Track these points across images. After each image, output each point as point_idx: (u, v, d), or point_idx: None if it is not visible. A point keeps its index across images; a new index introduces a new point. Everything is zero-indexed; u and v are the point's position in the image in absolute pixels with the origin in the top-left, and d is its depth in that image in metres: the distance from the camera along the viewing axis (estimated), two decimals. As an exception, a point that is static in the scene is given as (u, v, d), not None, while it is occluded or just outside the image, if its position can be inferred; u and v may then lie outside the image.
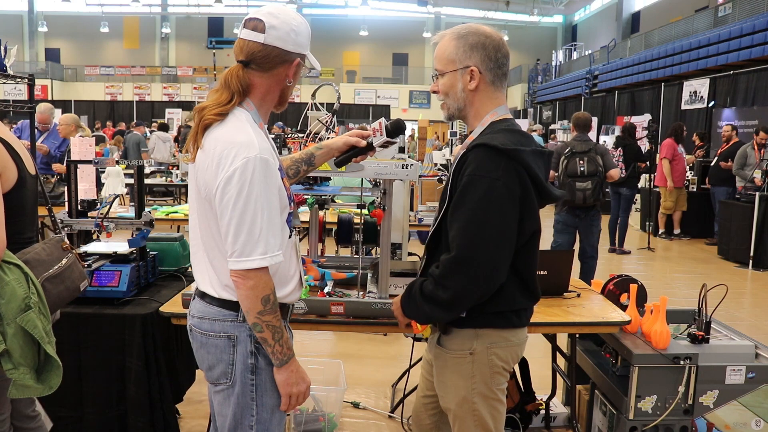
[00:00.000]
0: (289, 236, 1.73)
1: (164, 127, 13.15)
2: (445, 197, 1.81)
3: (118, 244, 2.75)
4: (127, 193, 8.90)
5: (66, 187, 2.77)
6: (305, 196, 2.69)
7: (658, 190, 9.45)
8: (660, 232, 9.61)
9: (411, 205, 4.92)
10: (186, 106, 23.03)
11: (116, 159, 3.07)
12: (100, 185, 5.71)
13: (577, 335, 2.82)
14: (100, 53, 32.59)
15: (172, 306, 2.50)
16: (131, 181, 7.44)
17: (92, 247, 2.76)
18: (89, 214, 2.76)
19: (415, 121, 15.09)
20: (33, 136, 4.71)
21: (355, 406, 3.52)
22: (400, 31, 32.59)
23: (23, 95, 18.52)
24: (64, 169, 4.45)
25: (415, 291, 1.82)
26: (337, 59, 31.59)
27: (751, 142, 8.39)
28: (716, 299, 2.69)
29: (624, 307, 2.78)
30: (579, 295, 2.89)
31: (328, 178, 2.62)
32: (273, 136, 2.10)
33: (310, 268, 2.56)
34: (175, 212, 5.19)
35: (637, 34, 23.16)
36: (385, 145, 1.98)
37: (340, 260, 2.89)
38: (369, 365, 4.20)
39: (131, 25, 32.75)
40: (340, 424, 3.25)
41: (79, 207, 2.72)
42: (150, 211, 3.74)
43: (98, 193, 3.34)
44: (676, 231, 9.56)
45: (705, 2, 20.01)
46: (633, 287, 2.76)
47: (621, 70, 18.15)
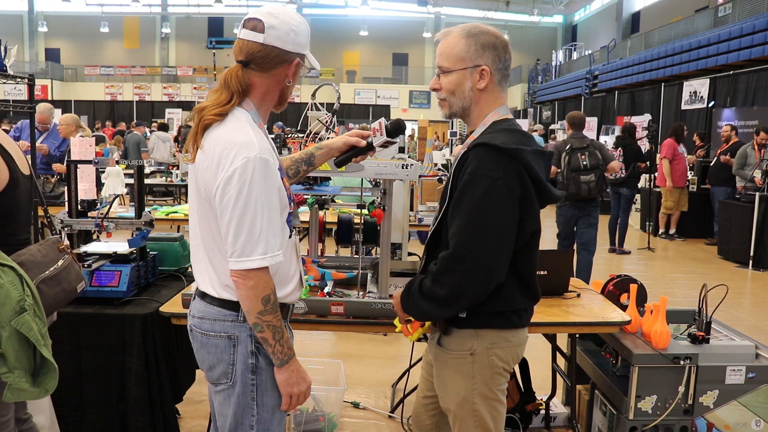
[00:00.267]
0: (289, 236, 1.73)
1: (164, 127, 13.15)
2: (445, 196, 1.81)
3: (118, 244, 2.75)
4: (127, 193, 8.90)
5: (66, 187, 2.76)
6: (305, 196, 2.69)
7: (659, 190, 9.45)
8: (660, 232, 9.62)
9: (411, 205, 4.92)
10: (186, 106, 23.04)
11: (116, 159, 3.07)
12: (100, 185, 5.70)
13: (577, 335, 2.82)
14: (100, 53, 32.59)
15: (172, 306, 2.50)
16: (131, 181, 7.44)
17: (92, 247, 2.76)
18: (89, 214, 2.76)
19: (415, 121, 15.11)
20: (33, 136, 4.70)
21: (355, 406, 3.52)
22: (400, 31, 32.60)
23: (23, 95, 18.53)
24: (64, 169, 4.45)
25: (414, 288, 1.82)
26: (337, 59, 31.60)
27: (751, 142, 8.40)
28: (716, 299, 2.69)
29: (624, 307, 2.78)
30: (579, 295, 2.89)
31: (328, 178, 2.62)
32: (273, 136, 2.10)
33: (310, 268, 2.56)
34: (175, 212, 5.20)
35: (637, 34, 23.17)
36: (385, 145, 1.98)
37: (340, 260, 2.89)
38: (369, 365, 4.20)
39: (131, 25, 32.76)
40: (340, 424, 3.25)
41: (79, 207, 2.72)
42: (150, 211, 3.74)
43: (98, 193, 3.34)
44: (671, 231, 9.57)
45: (705, 2, 20.01)
46: (633, 287, 2.76)
47: (621, 70, 18.16)
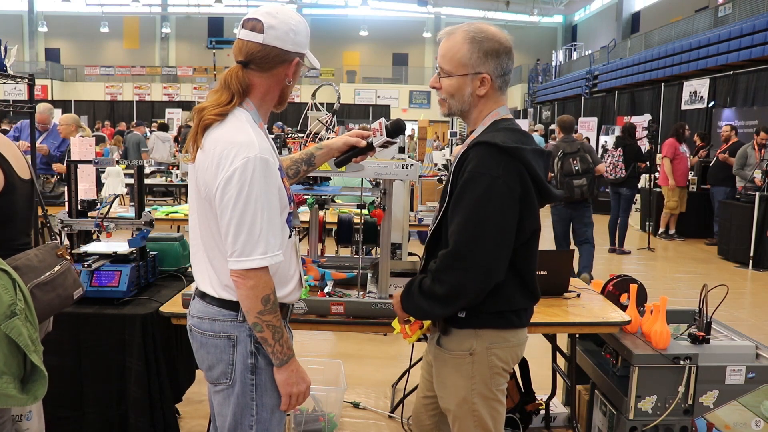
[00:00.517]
0: (289, 236, 1.73)
1: (164, 127, 13.15)
2: (445, 195, 1.81)
3: (118, 244, 2.75)
4: (127, 193, 8.90)
5: (66, 187, 2.76)
6: (305, 196, 2.69)
7: (659, 190, 9.45)
8: (660, 232, 9.61)
9: (411, 205, 4.92)
10: (186, 106, 23.04)
11: (116, 159, 3.07)
12: (100, 185, 5.70)
13: (577, 335, 2.82)
14: (100, 53, 32.59)
15: (172, 306, 2.50)
16: (131, 181, 7.44)
17: (92, 247, 2.76)
18: (89, 214, 2.76)
19: (415, 121, 15.11)
20: (33, 137, 4.71)
21: (355, 406, 3.52)
22: (400, 31, 32.59)
23: (23, 95, 18.53)
24: (65, 169, 4.45)
25: (413, 287, 1.82)
26: (337, 59, 31.60)
27: (751, 142, 8.39)
28: (716, 299, 2.69)
29: (624, 307, 2.78)
30: (579, 295, 2.89)
31: (328, 178, 2.62)
32: (273, 136, 2.10)
33: (310, 268, 2.56)
34: (175, 212, 5.20)
35: (637, 34, 23.16)
36: (385, 145, 1.98)
37: (340, 260, 2.89)
38: (369, 365, 4.20)
39: (131, 25, 32.75)
40: (340, 424, 3.25)
41: (79, 207, 2.72)
42: (150, 211, 3.74)
43: (98, 193, 3.34)
44: (671, 231, 9.57)
45: (705, 2, 20.01)
46: (633, 287, 2.76)
47: (621, 70, 18.14)
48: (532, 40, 30.99)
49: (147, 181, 7.96)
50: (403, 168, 2.36)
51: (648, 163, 8.68)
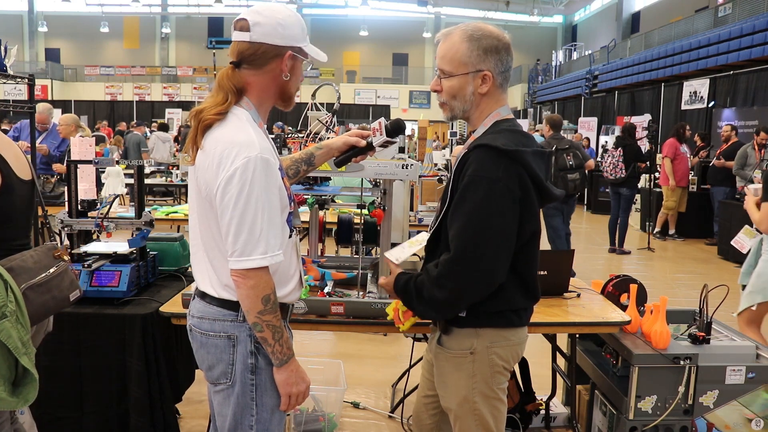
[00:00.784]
0: (290, 236, 1.73)
1: (164, 127, 13.15)
2: (446, 197, 1.81)
3: (118, 244, 2.75)
4: (127, 193, 8.90)
5: (66, 187, 2.76)
6: (305, 196, 2.69)
7: (659, 190, 9.44)
8: (655, 232, 9.59)
9: (411, 205, 4.92)
10: (186, 106, 23.02)
11: (116, 159, 3.07)
12: (100, 185, 5.70)
13: (577, 335, 2.82)
14: (100, 53, 32.59)
15: (172, 306, 2.50)
16: (131, 181, 7.44)
17: (92, 247, 2.76)
18: (89, 214, 2.76)
19: (415, 121, 15.11)
20: (33, 137, 4.70)
21: (355, 406, 3.52)
22: (400, 31, 32.59)
23: (23, 95, 18.53)
24: (64, 169, 4.45)
25: (410, 288, 1.81)
26: (337, 59, 31.59)
27: (751, 142, 8.39)
28: (716, 299, 2.69)
29: (624, 307, 2.78)
30: (579, 295, 2.89)
31: (328, 178, 2.62)
32: (273, 136, 2.10)
33: (310, 268, 2.56)
34: (175, 212, 5.20)
35: (637, 34, 23.16)
36: (384, 145, 1.98)
37: (340, 260, 2.89)
38: (369, 365, 4.20)
39: (131, 25, 32.75)
40: (340, 424, 3.25)
41: (79, 207, 2.72)
42: (150, 211, 3.74)
43: (98, 193, 3.34)
44: (671, 231, 9.56)
45: (705, 2, 20.00)
46: (633, 287, 2.76)
47: (621, 70, 18.14)
48: (532, 40, 31.00)
49: (147, 181, 7.96)
50: (403, 168, 2.36)
51: (648, 163, 8.68)
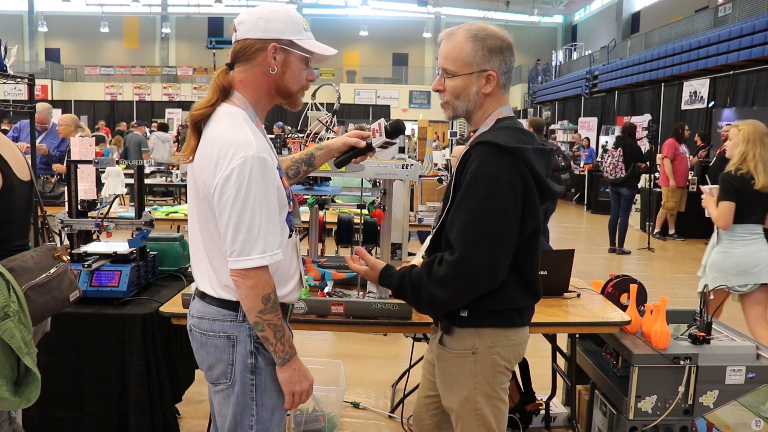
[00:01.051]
0: (289, 236, 1.73)
1: (164, 127, 13.15)
2: (448, 195, 1.81)
3: (118, 244, 2.75)
4: (127, 193, 8.90)
5: (66, 187, 2.76)
6: (305, 196, 2.69)
7: (659, 190, 9.44)
8: (655, 232, 9.59)
9: (411, 205, 4.92)
10: (186, 106, 22.98)
11: (116, 159, 3.07)
12: (100, 185, 5.70)
13: (577, 335, 2.82)
14: (100, 53, 32.58)
15: (172, 306, 2.50)
16: (131, 181, 7.44)
17: (92, 247, 2.76)
18: (89, 214, 2.76)
19: (415, 121, 15.11)
20: (33, 137, 4.70)
21: (355, 406, 3.52)
22: (400, 31, 32.58)
23: (23, 95, 18.52)
24: (64, 169, 4.45)
25: (405, 284, 1.81)
26: (337, 59, 31.56)
27: (751, 143, 8.38)
28: (716, 300, 2.69)
29: (624, 307, 2.78)
30: (579, 295, 2.89)
31: (328, 178, 2.62)
32: (273, 136, 2.11)
33: (310, 268, 2.56)
34: (175, 212, 5.20)
35: (637, 34, 23.16)
36: (384, 146, 1.98)
37: (340, 260, 2.89)
38: (369, 365, 4.20)
39: (131, 25, 32.74)
40: (340, 424, 3.25)
41: (79, 207, 2.72)
42: (150, 211, 3.74)
43: (98, 193, 3.34)
44: (671, 231, 9.56)
45: (705, 2, 20.00)
46: (633, 287, 2.76)
47: (621, 70, 18.13)
48: (532, 40, 30.99)
49: (147, 181, 7.96)
50: (403, 168, 2.36)
51: (648, 163, 8.68)
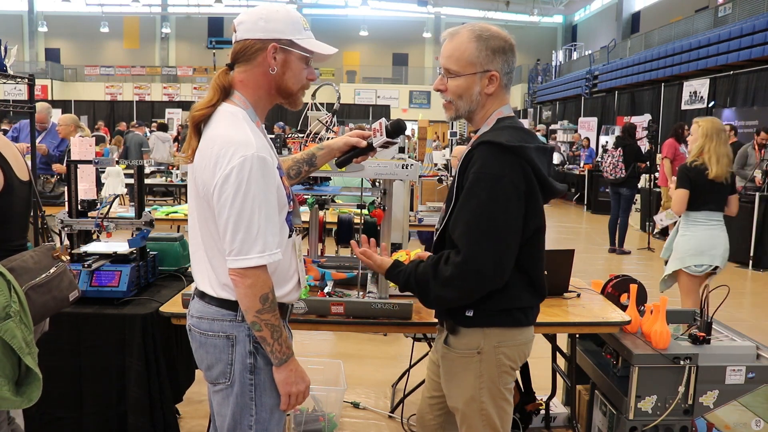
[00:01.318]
0: (289, 235, 1.73)
1: (164, 127, 13.15)
2: (451, 196, 1.82)
3: (118, 244, 2.74)
4: (127, 194, 8.89)
5: (66, 187, 2.76)
6: (305, 196, 2.69)
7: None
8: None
9: (411, 205, 4.92)
10: (186, 106, 22.97)
11: (116, 159, 3.07)
12: (100, 185, 5.70)
13: (577, 335, 2.82)
14: (100, 53, 32.57)
15: (172, 306, 2.50)
16: (131, 181, 7.44)
17: (92, 247, 2.76)
18: (89, 214, 2.76)
19: (415, 121, 15.11)
20: (33, 137, 4.70)
21: (355, 406, 3.52)
22: (400, 31, 32.58)
23: (23, 95, 18.52)
24: (64, 169, 4.44)
25: (411, 284, 1.83)
26: (337, 59, 31.54)
27: (751, 142, 8.39)
28: (717, 299, 2.69)
29: (624, 307, 2.78)
30: (579, 295, 2.89)
31: (328, 178, 2.62)
32: (273, 136, 2.11)
33: (310, 268, 2.56)
34: (175, 212, 5.19)
35: (637, 34, 23.16)
36: (385, 146, 1.98)
37: (340, 260, 2.89)
38: (369, 365, 4.20)
39: (131, 25, 32.74)
40: (340, 424, 3.24)
41: (79, 207, 2.72)
42: (150, 211, 3.74)
43: (98, 193, 3.34)
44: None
45: (705, 2, 20.00)
46: (633, 287, 2.76)
47: (621, 71, 18.14)
48: (532, 40, 30.98)
49: (147, 181, 7.95)
50: (403, 168, 2.36)
51: (648, 163, 8.68)
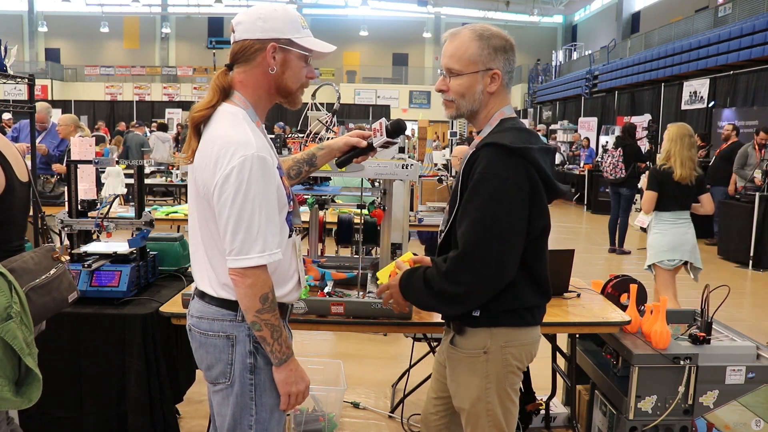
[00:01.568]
0: (289, 235, 1.73)
1: (163, 127, 13.15)
2: (455, 198, 1.82)
3: (118, 244, 2.75)
4: (128, 194, 8.88)
5: (66, 187, 2.76)
6: (305, 196, 2.69)
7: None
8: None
9: (411, 205, 4.92)
10: (186, 106, 22.96)
11: (116, 159, 3.07)
12: (100, 185, 5.70)
13: (577, 335, 2.82)
14: (100, 53, 32.57)
15: (172, 306, 2.50)
16: (131, 181, 7.43)
17: (92, 247, 2.76)
18: (89, 214, 2.76)
19: (415, 121, 15.11)
20: (33, 137, 4.70)
21: (355, 406, 3.52)
22: (400, 31, 32.57)
23: (23, 95, 18.52)
24: (64, 169, 4.44)
25: (415, 279, 1.81)
26: (337, 59, 31.55)
27: (751, 142, 8.39)
28: (717, 299, 2.69)
29: (624, 307, 2.78)
30: (579, 295, 2.89)
31: (328, 178, 2.62)
32: (273, 136, 2.11)
33: (310, 268, 2.56)
34: (175, 212, 5.20)
35: (637, 34, 23.16)
36: (385, 146, 1.99)
37: (340, 260, 2.89)
38: (369, 365, 4.20)
39: (131, 25, 32.74)
40: (340, 424, 3.24)
41: (79, 207, 2.72)
42: (150, 211, 3.73)
43: (98, 193, 3.34)
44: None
45: (705, 2, 20.00)
46: (633, 287, 2.76)
47: (621, 70, 18.14)
48: (532, 40, 30.97)
49: (147, 181, 7.95)
50: (403, 168, 2.36)
51: (648, 163, 8.67)
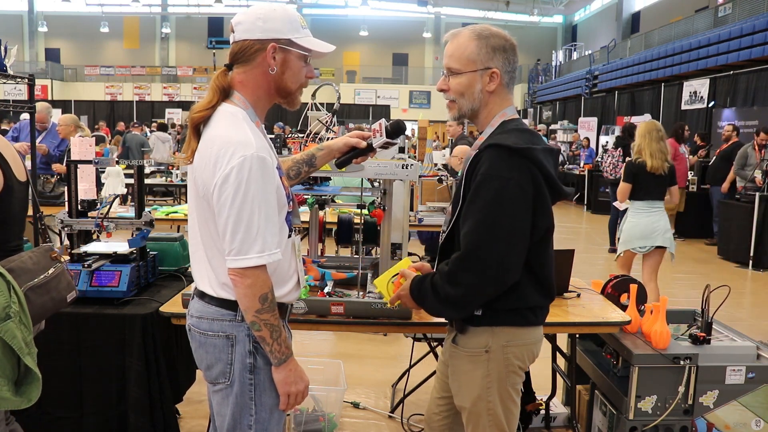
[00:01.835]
0: (289, 235, 1.73)
1: (163, 127, 13.15)
2: (458, 199, 1.82)
3: (118, 244, 2.75)
4: (129, 193, 8.88)
5: (66, 187, 2.76)
6: (305, 196, 2.69)
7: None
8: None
9: (411, 205, 4.92)
10: (186, 106, 22.97)
11: (116, 159, 3.07)
12: (100, 185, 5.70)
13: (577, 335, 2.82)
14: (100, 53, 32.58)
15: (172, 306, 2.50)
16: (131, 181, 7.43)
17: (92, 247, 2.76)
18: (89, 214, 2.76)
19: (415, 121, 15.11)
20: (33, 137, 4.70)
21: (355, 406, 3.52)
22: (400, 31, 32.58)
23: (23, 95, 18.52)
24: (64, 169, 4.44)
25: (425, 286, 1.82)
26: (337, 59, 31.55)
27: (751, 143, 8.39)
28: (716, 299, 2.69)
29: (624, 308, 2.78)
30: (579, 295, 2.89)
31: (328, 178, 2.62)
32: (273, 136, 2.11)
33: (310, 268, 2.56)
34: (175, 212, 5.20)
35: (637, 34, 23.16)
36: (385, 146, 1.99)
37: (340, 260, 2.89)
38: (369, 365, 4.20)
39: (131, 25, 32.74)
40: (340, 424, 3.25)
41: (79, 207, 2.72)
42: (150, 211, 3.73)
43: (98, 193, 3.34)
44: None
45: (705, 2, 20.00)
46: (633, 287, 2.76)
47: (621, 70, 18.15)
48: (532, 40, 30.97)
49: (147, 181, 7.96)
50: (403, 168, 2.36)
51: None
